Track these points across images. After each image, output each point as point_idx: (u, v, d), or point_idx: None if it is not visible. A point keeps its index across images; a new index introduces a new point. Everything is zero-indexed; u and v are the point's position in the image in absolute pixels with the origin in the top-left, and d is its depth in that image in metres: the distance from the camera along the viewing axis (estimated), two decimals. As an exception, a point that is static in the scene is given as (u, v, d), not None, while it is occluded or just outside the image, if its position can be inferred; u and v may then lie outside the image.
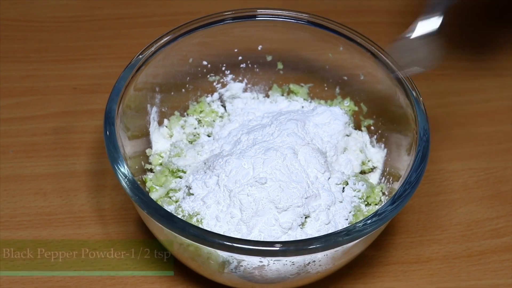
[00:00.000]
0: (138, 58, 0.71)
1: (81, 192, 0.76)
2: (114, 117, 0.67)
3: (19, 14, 0.92)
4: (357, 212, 0.68)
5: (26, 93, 0.84)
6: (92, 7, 0.94)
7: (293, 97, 0.79)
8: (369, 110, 0.77)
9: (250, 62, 0.79)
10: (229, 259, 0.63)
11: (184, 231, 0.60)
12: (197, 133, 0.76)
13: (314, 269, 0.64)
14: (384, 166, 0.74)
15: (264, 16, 0.76)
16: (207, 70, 0.79)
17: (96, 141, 0.80)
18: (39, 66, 0.87)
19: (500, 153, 0.81)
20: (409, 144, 0.69)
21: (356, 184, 0.71)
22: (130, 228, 0.74)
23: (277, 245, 0.59)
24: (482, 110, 0.85)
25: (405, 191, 0.63)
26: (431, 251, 0.74)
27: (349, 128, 0.75)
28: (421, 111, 0.68)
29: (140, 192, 0.62)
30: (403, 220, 0.75)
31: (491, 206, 0.77)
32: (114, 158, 0.64)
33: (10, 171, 0.77)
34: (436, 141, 0.81)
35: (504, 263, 0.73)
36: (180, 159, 0.71)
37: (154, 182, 0.71)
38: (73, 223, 0.74)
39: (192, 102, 0.79)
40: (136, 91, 0.71)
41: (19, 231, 0.73)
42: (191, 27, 0.74)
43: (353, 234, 0.60)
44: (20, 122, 0.82)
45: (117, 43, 0.90)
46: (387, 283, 0.71)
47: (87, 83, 0.85)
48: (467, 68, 0.89)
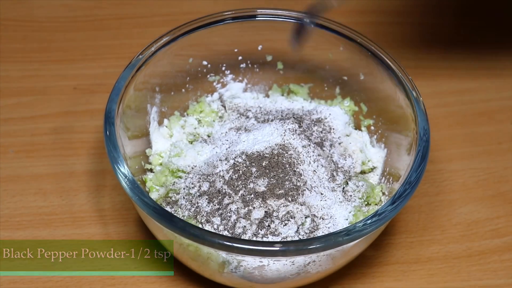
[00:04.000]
0: (138, 58, 0.71)
1: (81, 192, 0.76)
2: (114, 117, 0.67)
3: (19, 14, 0.92)
4: (357, 212, 0.68)
5: (26, 93, 0.84)
6: (92, 7, 0.94)
7: (293, 97, 0.79)
8: (369, 110, 0.77)
9: (250, 62, 0.79)
10: (229, 259, 0.63)
11: (184, 231, 0.60)
12: (197, 133, 0.76)
13: (314, 269, 0.64)
14: (384, 166, 0.74)
15: (264, 16, 0.76)
16: (207, 70, 0.79)
17: (96, 141, 0.80)
18: (39, 66, 0.87)
19: (500, 153, 0.81)
20: (409, 144, 0.69)
21: (356, 184, 0.71)
22: (130, 228, 0.74)
23: (277, 245, 0.59)
24: (482, 110, 0.85)
25: (405, 191, 0.63)
26: (431, 251, 0.74)
27: (349, 128, 0.75)
28: (421, 111, 0.68)
29: (140, 192, 0.62)
30: (403, 220, 0.75)
31: (491, 206, 0.77)
32: (114, 158, 0.64)
33: (10, 171, 0.77)
34: (436, 141, 0.81)
35: (504, 263, 0.73)
36: (180, 159, 0.71)
37: (154, 182, 0.71)
38: (73, 223, 0.74)
39: (192, 102, 0.79)
40: (136, 91, 0.71)
41: (19, 231, 0.73)
42: (191, 27, 0.74)
43: (353, 234, 0.60)
44: (20, 122, 0.82)
45: (117, 43, 0.90)
46: (387, 283, 0.71)
47: (87, 83, 0.86)
48: (467, 68, 0.89)
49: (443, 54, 0.90)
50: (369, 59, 0.74)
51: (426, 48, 0.91)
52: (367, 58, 0.74)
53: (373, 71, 0.74)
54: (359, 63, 0.76)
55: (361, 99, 0.77)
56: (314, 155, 0.69)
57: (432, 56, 0.90)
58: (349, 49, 0.75)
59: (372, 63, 0.74)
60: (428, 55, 0.90)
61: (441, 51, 0.91)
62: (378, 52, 0.73)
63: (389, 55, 0.73)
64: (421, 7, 0.95)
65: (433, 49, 0.91)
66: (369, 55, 0.73)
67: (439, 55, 0.90)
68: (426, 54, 0.90)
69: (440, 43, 0.91)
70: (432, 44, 0.91)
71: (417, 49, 0.91)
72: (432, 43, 0.91)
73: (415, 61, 0.89)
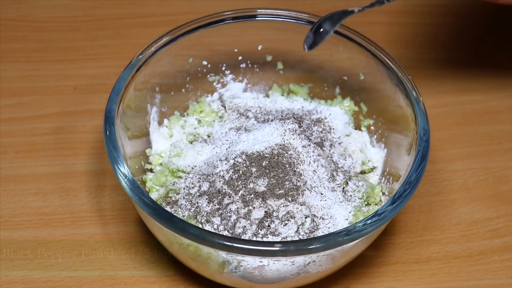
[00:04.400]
0: (138, 58, 0.71)
1: (81, 192, 0.76)
2: (114, 117, 0.67)
3: (19, 14, 0.92)
4: (357, 212, 0.68)
5: (26, 93, 0.84)
6: (92, 7, 0.94)
7: (293, 97, 0.79)
8: (369, 110, 0.77)
9: (250, 62, 0.79)
10: (229, 259, 0.63)
11: (184, 231, 0.60)
12: (197, 133, 0.76)
13: (314, 269, 0.64)
14: (384, 166, 0.74)
15: (264, 16, 0.76)
16: (207, 70, 0.79)
17: (96, 141, 0.80)
18: (39, 66, 0.87)
19: (500, 153, 0.81)
20: (409, 144, 0.69)
21: (356, 184, 0.71)
22: (130, 228, 0.74)
23: (277, 245, 0.59)
24: (482, 110, 0.85)
25: (405, 191, 0.63)
26: (431, 251, 0.74)
27: (349, 128, 0.75)
28: (421, 111, 0.68)
29: (140, 192, 0.62)
30: (403, 220, 0.75)
31: (491, 206, 0.77)
32: (114, 158, 0.64)
33: (10, 171, 0.77)
34: (436, 141, 0.81)
35: (504, 263, 0.73)
36: (180, 159, 0.71)
37: (154, 182, 0.71)
38: (73, 223, 0.74)
39: (192, 102, 0.79)
40: (136, 91, 0.71)
41: (19, 231, 0.73)
42: (191, 27, 0.74)
43: (353, 234, 0.60)
44: (20, 122, 0.82)
45: (117, 43, 0.90)
46: (387, 283, 0.71)
47: (87, 83, 0.86)
48: (467, 68, 0.89)
49: (443, 54, 0.90)
50: (369, 59, 0.74)
51: (426, 48, 0.91)
52: (367, 58, 0.74)
53: (373, 71, 0.74)
54: (359, 63, 0.76)
55: (361, 99, 0.77)
56: (314, 155, 0.69)
57: (432, 56, 0.90)
58: (349, 49, 0.75)
59: (372, 63, 0.74)
60: (428, 55, 0.90)
61: (441, 51, 0.91)
62: (378, 52, 0.73)
63: (389, 55, 0.73)
64: (421, 7, 0.95)
65: (433, 49, 0.91)
66: (369, 55, 0.74)
67: (439, 55, 0.90)
68: (426, 54, 0.90)
69: (440, 43, 0.91)
70: (432, 44, 0.91)
71: (417, 49, 0.91)
72: (432, 43, 0.91)
73: (415, 61, 0.89)
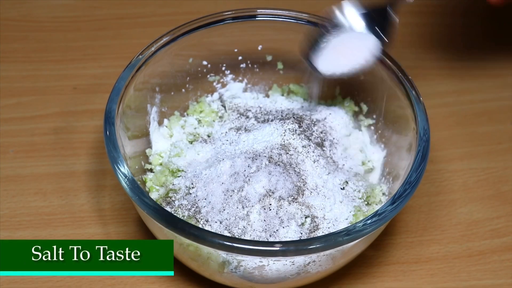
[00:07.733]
0: (138, 58, 0.71)
1: (81, 192, 0.76)
2: (114, 117, 0.67)
3: (19, 14, 0.93)
4: (357, 212, 0.68)
5: (26, 93, 0.84)
6: (92, 7, 0.94)
7: (293, 97, 0.79)
8: (369, 110, 0.77)
9: (250, 62, 0.79)
10: (229, 259, 0.63)
11: (184, 231, 0.60)
12: (197, 133, 0.76)
13: (314, 269, 0.64)
14: (384, 166, 0.74)
15: (264, 16, 0.76)
16: (207, 70, 0.79)
17: (96, 141, 0.80)
18: (39, 66, 0.87)
19: (500, 153, 0.81)
20: (409, 144, 0.69)
21: (356, 184, 0.71)
22: (130, 228, 0.74)
23: (277, 245, 0.59)
24: (482, 110, 0.85)
25: (405, 191, 0.63)
26: (431, 251, 0.74)
27: (349, 128, 0.75)
28: (421, 111, 0.68)
29: (140, 192, 0.62)
30: (403, 220, 0.75)
31: (491, 206, 0.77)
32: (114, 158, 0.64)
33: (10, 171, 0.77)
34: (436, 141, 0.81)
35: (504, 263, 0.73)
36: (180, 159, 0.71)
37: (154, 182, 0.71)
38: (73, 223, 0.74)
39: (192, 102, 0.79)
40: (136, 91, 0.71)
41: (19, 231, 0.73)
42: (191, 27, 0.74)
43: (353, 234, 0.60)
44: (20, 122, 0.82)
45: (117, 43, 0.90)
46: (387, 283, 0.71)
47: (87, 83, 0.86)
48: (467, 68, 0.89)
49: (443, 54, 0.90)
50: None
51: (426, 48, 0.91)
52: (367, 58, 0.74)
53: (373, 71, 0.74)
54: (359, 63, 0.76)
55: (361, 99, 0.77)
56: (314, 155, 0.69)
57: (432, 56, 0.90)
58: (349, 49, 0.75)
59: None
60: (428, 55, 0.90)
61: (440, 51, 0.91)
62: (378, 52, 0.73)
63: (389, 55, 0.72)
64: (421, 7, 0.95)
65: (433, 49, 0.91)
66: (369, 55, 0.73)
67: (439, 55, 0.90)
68: (426, 54, 0.90)
69: (439, 43, 0.91)
70: (432, 44, 0.91)
71: (417, 49, 0.91)
72: (432, 43, 0.91)
73: (415, 61, 0.89)
